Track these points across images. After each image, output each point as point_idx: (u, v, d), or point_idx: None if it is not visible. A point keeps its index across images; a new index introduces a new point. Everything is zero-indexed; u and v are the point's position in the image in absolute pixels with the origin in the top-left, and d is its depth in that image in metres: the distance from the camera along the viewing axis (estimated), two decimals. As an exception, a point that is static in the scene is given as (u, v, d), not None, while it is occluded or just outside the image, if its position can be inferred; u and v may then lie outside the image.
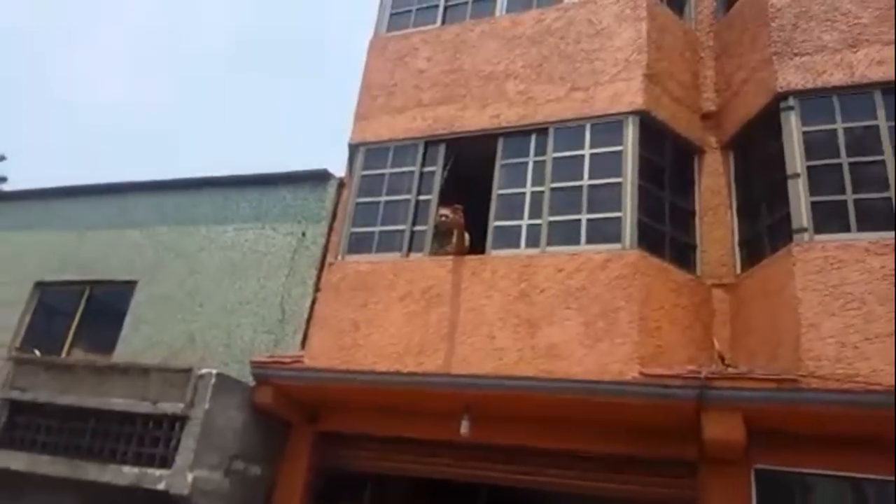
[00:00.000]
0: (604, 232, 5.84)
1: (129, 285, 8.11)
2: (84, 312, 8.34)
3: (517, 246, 6.17)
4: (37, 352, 7.77)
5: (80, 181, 9.59)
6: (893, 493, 4.55)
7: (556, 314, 5.62)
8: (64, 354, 8.12)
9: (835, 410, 4.58)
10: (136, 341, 7.71)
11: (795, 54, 5.85)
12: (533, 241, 6.10)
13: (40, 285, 8.82)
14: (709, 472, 5.04)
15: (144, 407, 6.26)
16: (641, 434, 5.25)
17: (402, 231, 6.69)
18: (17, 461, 6.50)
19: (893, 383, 4.41)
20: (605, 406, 5.20)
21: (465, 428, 5.62)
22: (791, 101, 5.74)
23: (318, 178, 7.83)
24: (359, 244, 6.84)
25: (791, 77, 5.81)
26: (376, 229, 6.85)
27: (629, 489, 5.38)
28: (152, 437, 6.10)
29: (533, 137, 6.56)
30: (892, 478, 4.51)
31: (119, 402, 6.35)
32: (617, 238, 5.74)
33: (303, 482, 6.31)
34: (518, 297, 5.83)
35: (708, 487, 5.03)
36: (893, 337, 4.61)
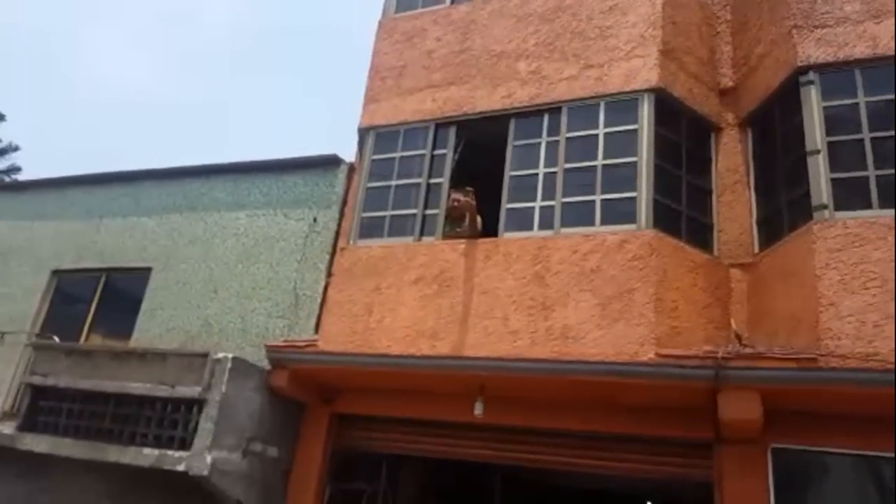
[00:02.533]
0: (619, 212, 5.81)
1: (145, 272, 8.24)
2: (101, 299, 8.50)
3: (530, 228, 6.16)
4: (56, 338, 7.93)
5: (95, 166, 9.69)
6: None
7: (571, 296, 5.62)
8: (82, 340, 8.30)
9: (854, 389, 4.56)
10: (152, 327, 7.85)
11: (816, 27, 5.73)
12: (546, 223, 6.09)
13: (57, 273, 8.99)
14: (725, 452, 5.06)
15: (163, 391, 6.40)
16: (657, 414, 5.27)
17: (414, 215, 6.71)
18: (40, 444, 6.70)
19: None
20: (621, 387, 5.22)
21: (479, 409, 5.68)
22: (811, 76, 5.64)
23: (329, 163, 7.86)
24: (370, 229, 6.88)
25: (811, 50, 5.70)
26: (387, 213, 6.88)
27: (644, 469, 5.42)
28: (171, 419, 6.25)
29: (546, 117, 6.52)
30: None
31: (138, 387, 6.50)
32: (632, 218, 5.71)
33: (319, 463, 6.43)
34: (532, 280, 5.84)
35: (724, 467, 5.04)
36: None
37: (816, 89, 5.59)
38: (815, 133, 5.44)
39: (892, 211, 4.96)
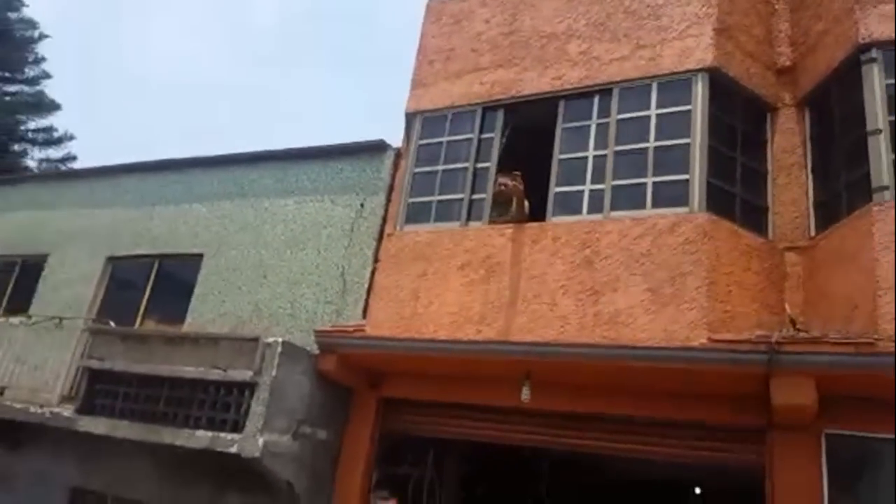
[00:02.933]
0: (671, 195, 5.96)
1: (196, 258, 8.78)
2: (154, 285, 9.10)
3: (579, 212, 6.36)
4: (112, 323, 8.52)
5: (148, 156, 10.33)
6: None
7: (621, 280, 5.81)
8: (137, 325, 8.88)
9: (913, 375, 4.64)
10: (204, 312, 8.38)
11: (879, 2, 5.73)
12: (596, 207, 6.28)
13: (112, 259, 9.63)
14: (777, 438, 5.19)
15: (215, 374, 6.80)
16: (709, 400, 5.43)
17: (461, 200, 6.98)
18: (98, 426, 7.19)
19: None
20: (672, 372, 5.39)
21: (526, 394, 5.94)
22: (874, 53, 5.66)
23: (375, 148, 8.22)
24: (417, 214, 7.18)
25: (874, 27, 5.72)
26: (434, 199, 7.17)
27: (694, 455, 5.60)
28: (223, 402, 6.65)
29: (596, 99, 6.69)
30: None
31: (191, 370, 6.92)
32: (684, 201, 5.85)
33: (366, 446, 6.80)
34: (580, 264, 6.05)
35: (775, 454, 5.18)
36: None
37: (879, 67, 5.62)
38: (877, 112, 5.48)
39: (960, 192, 5.01)
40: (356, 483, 6.64)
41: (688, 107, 6.18)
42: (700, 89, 6.16)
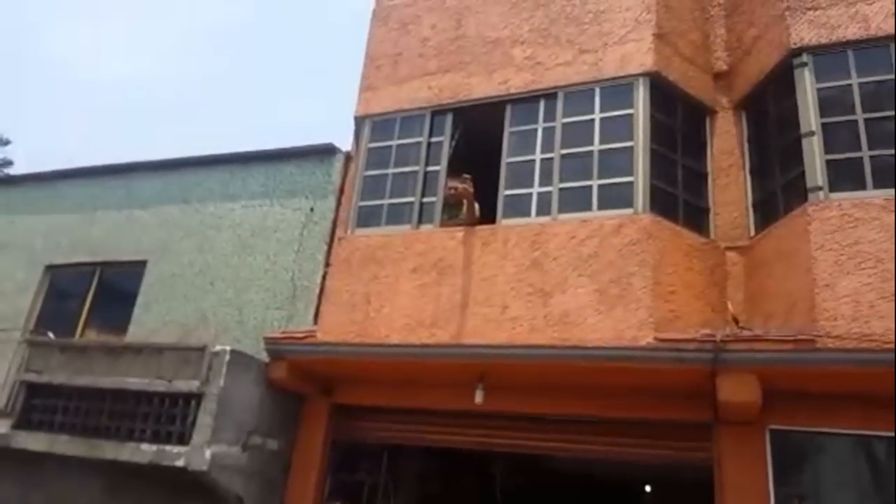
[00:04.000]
0: (616, 197, 5.87)
1: (139, 265, 8.27)
2: (95, 294, 8.53)
3: (528, 214, 6.22)
4: (50, 334, 7.93)
5: (89, 162, 9.67)
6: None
7: (570, 282, 5.68)
8: (77, 336, 8.30)
9: (850, 370, 4.64)
10: (148, 321, 7.87)
11: (808, 9, 5.78)
12: (544, 209, 6.14)
13: (51, 268, 8.99)
14: (724, 434, 5.16)
15: (160, 385, 6.42)
16: (657, 398, 5.35)
17: (412, 203, 6.75)
18: (35, 442, 6.71)
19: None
20: (620, 372, 5.29)
21: (479, 397, 5.75)
22: (804, 58, 5.70)
23: (325, 152, 7.89)
24: (368, 217, 6.92)
25: (804, 32, 5.75)
26: (385, 202, 6.92)
27: (645, 452, 5.52)
28: (169, 414, 6.27)
29: (542, 103, 6.56)
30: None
31: (134, 382, 6.52)
32: (629, 203, 5.77)
33: (319, 455, 6.49)
34: (530, 266, 5.90)
35: (723, 448, 5.14)
36: (909, 294, 4.65)
37: (810, 71, 5.66)
38: (810, 115, 5.51)
39: (886, 191, 5.04)
40: (308, 492, 6.32)
41: (630, 110, 6.10)
42: (641, 93, 6.10)
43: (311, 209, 7.62)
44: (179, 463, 5.97)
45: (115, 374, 6.67)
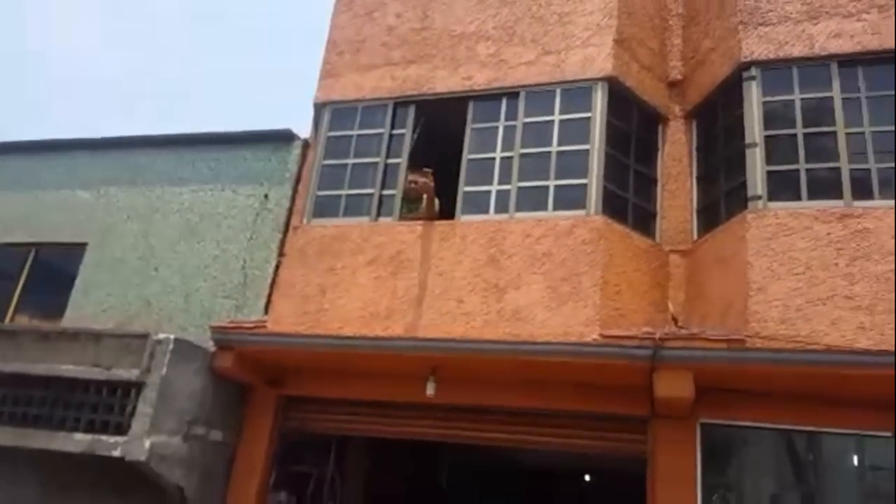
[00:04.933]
0: (570, 198, 6.66)
1: (79, 248, 8.65)
2: (29, 276, 8.88)
3: (486, 211, 6.95)
4: (-23, 317, 8.25)
5: (33, 136, 9.91)
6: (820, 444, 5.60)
7: (523, 279, 6.44)
8: (8, 320, 8.64)
9: (777, 368, 5.53)
10: (86, 306, 8.29)
11: (760, 24, 6.69)
12: (502, 207, 6.89)
13: (-20, 247, 9.25)
14: (659, 427, 6.02)
15: (97, 373, 6.74)
16: (601, 392, 6.17)
17: (371, 195, 7.39)
18: (-42, 431, 6.90)
19: (830, 344, 5.39)
20: (567, 367, 6.07)
21: (430, 389, 6.45)
22: (753, 71, 6.61)
23: (282, 138, 8.45)
24: (325, 208, 7.52)
25: (755, 47, 6.66)
26: (343, 192, 7.54)
27: (588, 444, 6.37)
28: (106, 404, 6.60)
29: (504, 101, 7.31)
30: (820, 429, 5.57)
31: (69, 369, 6.81)
32: (583, 204, 6.57)
33: (265, 446, 7.09)
34: (487, 263, 6.63)
35: (657, 440, 6.00)
36: (834, 301, 5.58)
37: (757, 84, 6.57)
38: (755, 127, 6.41)
39: (819, 202, 5.97)
40: (253, 484, 6.92)
41: (588, 114, 6.91)
42: (599, 97, 6.91)
43: (266, 196, 8.18)
44: (116, 453, 6.32)
45: (48, 361, 6.95)
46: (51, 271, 8.93)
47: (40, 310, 8.66)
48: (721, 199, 6.55)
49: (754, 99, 6.52)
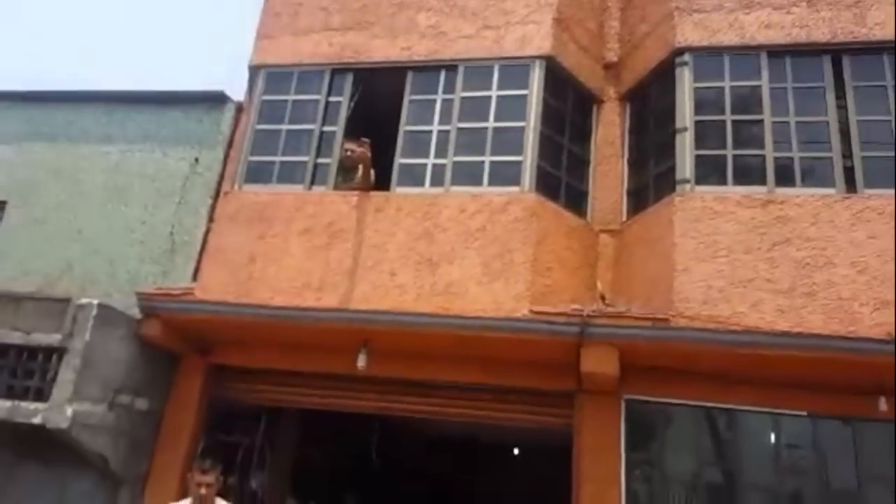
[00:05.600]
0: (505, 174, 6.03)
1: (-3, 206, 7.44)
2: (-59, 235, 7.58)
3: (422, 184, 6.24)
4: None
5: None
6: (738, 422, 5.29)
7: (457, 253, 5.80)
8: (-83, 280, 7.40)
9: (699, 347, 5.12)
10: (5, 268, 7.13)
11: (695, 10, 6.15)
12: (438, 181, 6.19)
13: None
14: (584, 402, 5.54)
15: (16, 338, 5.91)
16: (529, 367, 5.64)
17: (305, 163, 6.55)
18: None
19: (750, 325, 5.01)
20: (497, 341, 5.49)
21: (361, 361, 5.77)
22: (686, 57, 6.08)
23: (215, 99, 7.40)
24: (257, 174, 6.64)
25: (689, 33, 6.12)
26: (277, 159, 6.66)
27: (516, 417, 5.84)
28: (26, 369, 5.80)
29: (442, 74, 6.55)
30: (739, 407, 5.22)
31: None
32: (517, 181, 5.95)
33: (193, 415, 6.26)
34: (421, 236, 5.95)
35: (582, 415, 5.53)
36: (755, 283, 5.19)
37: (690, 70, 6.04)
38: (685, 112, 5.90)
39: (744, 188, 5.55)
40: (179, 453, 6.10)
41: (525, 91, 6.24)
42: (536, 75, 6.25)
43: (196, 160, 7.17)
44: (36, 420, 5.55)
45: (-37, 324, 6.06)
46: (-35, 230, 7.66)
47: (-47, 270, 7.43)
48: (650, 181, 6.04)
49: (686, 84, 6.00)
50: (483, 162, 6.12)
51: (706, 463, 5.37)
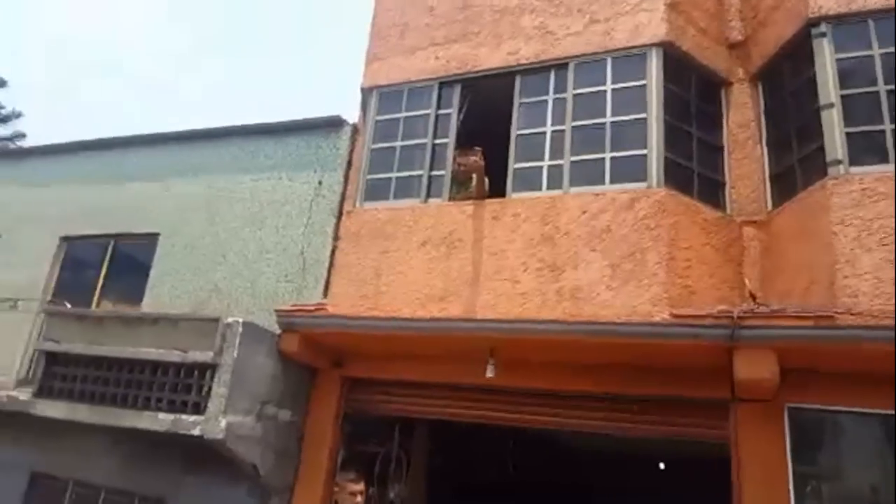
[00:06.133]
0: (629, 170, 5.27)
1: (152, 238, 7.62)
2: (110, 265, 7.89)
3: (539, 188, 5.62)
4: (67, 304, 7.38)
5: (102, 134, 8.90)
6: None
7: (581, 256, 5.13)
8: (93, 307, 7.72)
9: (871, 347, 4.14)
10: (162, 293, 7.30)
11: (829, -24, 5.09)
12: (555, 183, 5.54)
13: (66, 239, 8.32)
14: (741, 412, 4.69)
15: (175, 356, 5.93)
16: (672, 375, 4.87)
17: (420, 176, 6.13)
18: (56, 409, 6.24)
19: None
20: (635, 348, 4.79)
21: (490, 371, 5.25)
22: (823, 28, 5.03)
23: (332, 124, 7.18)
24: (376, 191, 6.30)
25: (823, 1, 5.08)
26: (393, 175, 6.29)
27: (660, 429, 5.04)
28: (184, 384, 5.81)
29: (552, 74, 5.89)
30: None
31: (150, 352, 6.01)
32: (643, 176, 5.18)
33: (332, 426, 6.03)
34: (541, 241, 5.34)
35: (741, 426, 4.68)
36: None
37: (829, 41, 5.00)
38: (829, 86, 4.87)
39: (911, 165, 4.47)
40: (322, 463, 5.87)
41: (642, 81, 5.46)
42: (654, 64, 5.45)
43: (320, 182, 6.97)
44: (195, 432, 5.53)
45: (131, 345, 6.15)
46: (129, 260, 7.90)
47: (121, 297, 7.66)
48: (796, 165, 5.04)
49: (827, 57, 4.95)
50: (603, 159, 5.40)
51: (885, 475, 4.34)
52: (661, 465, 8.67)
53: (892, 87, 4.72)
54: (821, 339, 4.25)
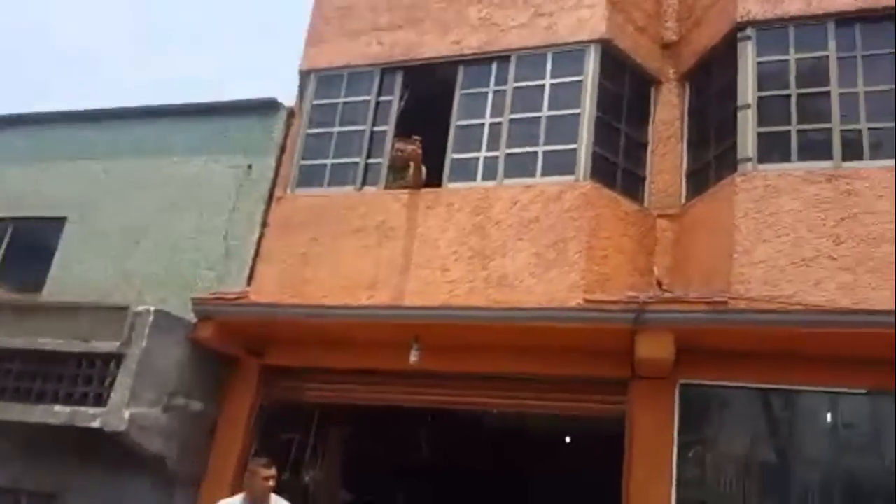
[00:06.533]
0: (560, 163, 7.61)
1: (58, 222, 9.81)
2: (8, 250, 10.05)
3: (474, 178, 7.93)
4: (-46, 293, 9.36)
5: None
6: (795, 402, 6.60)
7: (510, 246, 7.39)
8: (-15, 296, 9.76)
9: (757, 329, 6.40)
10: (66, 280, 9.42)
11: (757, -19, 7.59)
12: (490, 174, 7.86)
13: (-44, 223, 10.40)
14: (638, 388, 6.97)
15: (76, 346, 7.79)
16: (583, 356, 7.10)
17: (356, 163, 8.41)
18: (-61, 404, 7.90)
19: (812, 304, 6.27)
20: (551, 332, 6.99)
21: (414, 357, 7.40)
22: (749, 31, 7.51)
23: (266, 107, 9.53)
24: (309, 177, 8.57)
25: (752, 6, 7.55)
26: (328, 161, 8.58)
27: (569, 406, 7.36)
28: (85, 376, 7.65)
29: (494, 65, 8.29)
30: (797, 387, 6.50)
31: (47, 342, 7.87)
32: (571, 170, 7.52)
33: (247, 416, 8.14)
34: (473, 230, 7.60)
35: (636, 402, 6.96)
36: (818, 261, 6.46)
37: (753, 45, 7.46)
38: (748, 88, 7.30)
39: (808, 164, 6.85)
40: (234, 453, 7.95)
41: (580, 77, 7.86)
42: (592, 60, 7.87)
43: (249, 167, 9.25)
44: (95, 424, 7.31)
45: (25, 334, 8.03)
46: (30, 246, 10.06)
47: (18, 284, 9.79)
48: (711, 161, 7.48)
49: (749, 59, 7.40)
50: (536, 152, 7.76)
51: (760, 444, 6.66)
52: (567, 440, 11.16)
53: (803, 91, 7.17)
54: (712, 322, 6.53)
